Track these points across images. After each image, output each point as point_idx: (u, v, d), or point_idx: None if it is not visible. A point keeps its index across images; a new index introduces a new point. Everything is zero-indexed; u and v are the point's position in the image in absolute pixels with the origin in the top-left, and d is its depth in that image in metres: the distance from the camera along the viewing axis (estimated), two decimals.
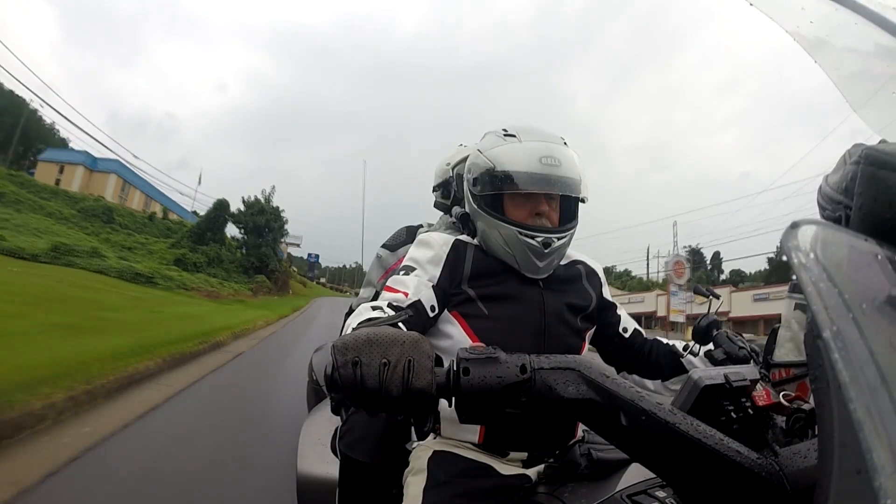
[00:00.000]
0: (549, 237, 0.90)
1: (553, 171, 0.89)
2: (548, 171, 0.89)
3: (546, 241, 0.90)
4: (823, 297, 0.25)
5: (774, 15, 0.49)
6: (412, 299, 0.85)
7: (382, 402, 0.43)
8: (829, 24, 0.47)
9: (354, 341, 0.45)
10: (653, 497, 0.66)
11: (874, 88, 0.47)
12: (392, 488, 0.95)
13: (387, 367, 0.43)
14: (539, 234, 0.90)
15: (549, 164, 0.89)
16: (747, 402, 0.47)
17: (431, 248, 0.95)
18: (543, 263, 0.92)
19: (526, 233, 0.90)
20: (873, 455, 0.21)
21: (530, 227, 0.91)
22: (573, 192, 0.92)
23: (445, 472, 0.81)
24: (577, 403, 0.41)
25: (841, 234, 0.31)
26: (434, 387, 0.44)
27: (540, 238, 0.90)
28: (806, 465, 0.37)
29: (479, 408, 0.43)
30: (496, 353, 0.44)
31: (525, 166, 0.90)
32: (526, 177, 0.89)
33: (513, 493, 0.81)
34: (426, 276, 0.91)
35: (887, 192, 0.32)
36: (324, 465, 1.22)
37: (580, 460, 0.79)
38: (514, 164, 0.91)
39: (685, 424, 0.38)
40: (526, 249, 0.90)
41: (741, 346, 0.93)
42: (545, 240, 0.90)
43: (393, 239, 1.62)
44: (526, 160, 0.90)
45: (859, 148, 0.35)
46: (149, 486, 2.34)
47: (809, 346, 0.28)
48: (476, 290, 0.92)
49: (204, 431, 3.30)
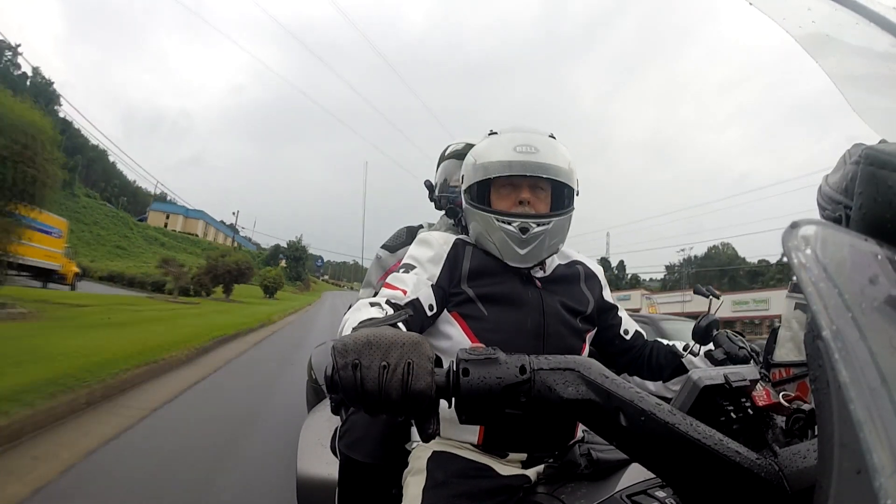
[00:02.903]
0: (526, 222, 0.90)
1: (527, 157, 0.91)
2: (522, 157, 0.91)
3: (523, 227, 0.90)
4: (823, 297, 0.25)
5: (775, 15, 0.49)
6: (410, 297, 0.85)
7: (382, 404, 0.43)
8: (830, 25, 0.47)
9: (354, 343, 0.45)
10: (653, 497, 0.66)
11: (874, 88, 0.47)
12: (392, 488, 0.95)
13: (386, 370, 0.43)
14: (515, 220, 0.90)
15: (524, 152, 0.92)
16: (747, 403, 0.47)
17: (432, 246, 0.95)
18: (525, 251, 0.91)
19: (502, 219, 0.91)
20: (873, 455, 0.21)
21: (507, 213, 0.92)
22: (552, 176, 0.92)
23: (445, 472, 0.81)
24: (576, 404, 0.41)
25: (841, 234, 0.31)
26: (434, 389, 0.44)
27: (516, 223, 0.90)
28: (806, 465, 0.37)
29: (479, 408, 0.43)
30: (496, 354, 0.43)
31: (499, 155, 0.93)
32: (501, 164, 0.92)
33: (512, 494, 0.81)
34: (426, 274, 0.91)
35: (887, 192, 0.32)
36: (324, 465, 1.22)
37: (580, 460, 0.79)
38: (490, 155, 0.94)
39: (685, 425, 0.38)
40: (504, 236, 0.91)
41: (741, 346, 0.93)
42: (522, 224, 0.90)
43: (393, 240, 1.62)
44: (500, 149, 0.94)
45: (859, 148, 0.35)
46: (257, 366, 6.16)
47: (809, 346, 0.28)
48: (475, 289, 0.92)
49: (293, 338, 9.47)
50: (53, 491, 2.10)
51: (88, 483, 2.24)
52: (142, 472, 2.42)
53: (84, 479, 2.26)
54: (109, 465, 2.45)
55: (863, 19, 0.42)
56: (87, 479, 2.26)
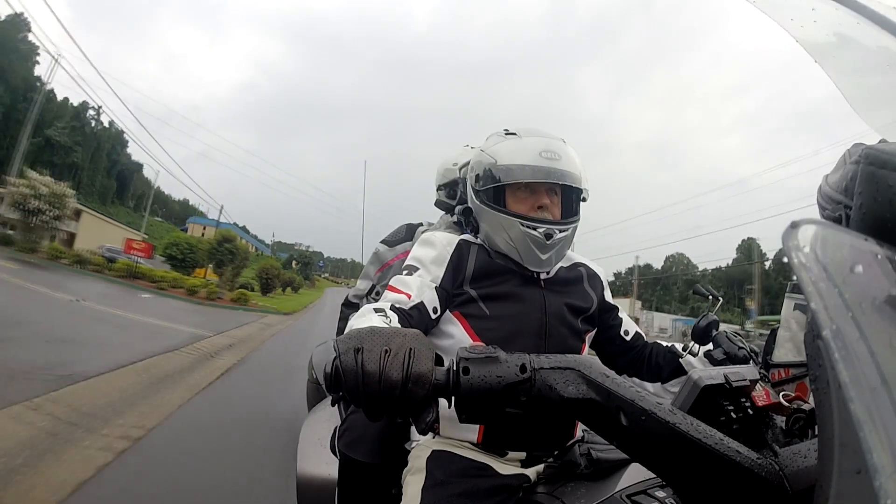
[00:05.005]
0: (551, 228, 0.91)
1: (552, 163, 0.91)
2: (547, 163, 0.91)
3: (548, 233, 0.91)
4: (823, 296, 0.25)
5: (775, 15, 0.49)
6: (415, 301, 0.85)
7: (381, 389, 0.43)
8: (831, 24, 0.47)
9: (357, 332, 0.46)
10: (653, 497, 0.66)
11: (875, 88, 0.47)
12: (391, 488, 0.95)
13: (388, 354, 0.44)
14: (541, 225, 0.91)
15: (549, 158, 0.92)
16: (747, 402, 0.47)
17: (435, 247, 0.95)
18: (546, 256, 0.93)
19: (528, 224, 0.91)
20: (873, 455, 0.21)
21: (532, 218, 0.92)
22: (573, 183, 0.93)
23: (444, 471, 0.81)
24: (577, 403, 0.41)
25: (841, 234, 0.31)
26: (434, 374, 0.44)
27: (542, 229, 0.91)
28: (806, 465, 0.37)
29: (479, 407, 0.43)
30: (496, 353, 0.43)
31: (525, 160, 0.92)
32: (526, 169, 0.92)
33: (512, 493, 0.81)
34: (429, 276, 0.91)
35: (887, 191, 0.32)
36: (324, 465, 1.22)
37: (580, 460, 0.79)
38: (514, 159, 0.93)
39: (685, 424, 0.38)
40: (528, 241, 0.91)
41: (741, 346, 0.93)
42: (547, 231, 0.91)
43: (392, 235, 1.62)
44: (526, 154, 0.93)
45: (859, 147, 0.35)
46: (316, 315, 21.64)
47: (809, 346, 0.28)
48: (478, 290, 0.92)
49: (312, 318, 20.35)
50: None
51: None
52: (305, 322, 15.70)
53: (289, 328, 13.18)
54: (303, 320, 16.93)
55: (864, 19, 0.42)
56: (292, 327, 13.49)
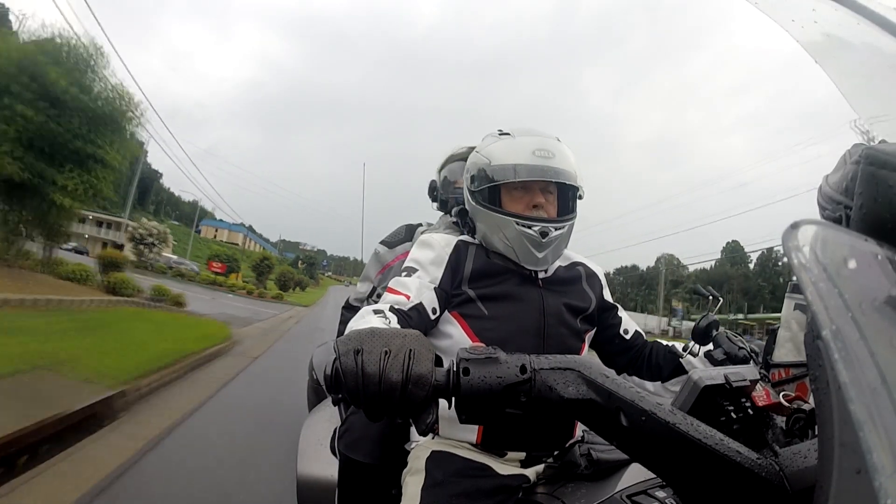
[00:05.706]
0: (546, 227, 0.91)
1: (546, 161, 0.91)
2: (541, 162, 0.91)
3: (543, 231, 0.91)
4: (823, 297, 0.25)
5: (776, 15, 0.49)
6: (414, 302, 0.85)
7: (382, 390, 0.43)
8: (832, 25, 0.47)
9: (357, 334, 0.46)
10: (653, 497, 0.65)
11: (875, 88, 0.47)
12: (391, 488, 0.95)
13: (388, 355, 0.44)
14: (536, 224, 0.91)
15: (542, 156, 0.92)
16: (747, 403, 0.47)
17: (433, 249, 0.95)
18: (542, 254, 0.93)
19: (523, 223, 0.91)
20: (873, 455, 0.21)
21: (527, 216, 0.92)
22: (567, 180, 0.93)
23: (443, 471, 0.81)
24: (577, 403, 0.41)
25: (841, 234, 0.31)
26: (434, 375, 0.44)
27: (537, 227, 0.91)
28: (806, 465, 0.37)
29: (479, 408, 0.43)
30: (496, 354, 0.43)
31: (519, 159, 0.92)
32: (520, 168, 0.92)
33: (511, 493, 0.81)
34: (428, 277, 0.91)
35: (887, 192, 0.32)
36: (324, 465, 1.22)
37: (580, 460, 0.79)
38: (508, 158, 0.93)
39: (685, 424, 0.38)
40: (524, 240, 0.91)
41: (741, 346, 0.93)
42: (542, 229, 0.91)
43: (392, 236, 1.62)
44: (519, 153, 0.93)
45: (859, 148, 0.35)
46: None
47: (809, 346, 0.28)
48: (476, 290, 0.92)
49: (318, 312, 21.11)
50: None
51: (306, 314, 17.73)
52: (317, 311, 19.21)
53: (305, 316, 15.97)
54: (316, 308, 20.90)
55: (864, 19, 0.42)
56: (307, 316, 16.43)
